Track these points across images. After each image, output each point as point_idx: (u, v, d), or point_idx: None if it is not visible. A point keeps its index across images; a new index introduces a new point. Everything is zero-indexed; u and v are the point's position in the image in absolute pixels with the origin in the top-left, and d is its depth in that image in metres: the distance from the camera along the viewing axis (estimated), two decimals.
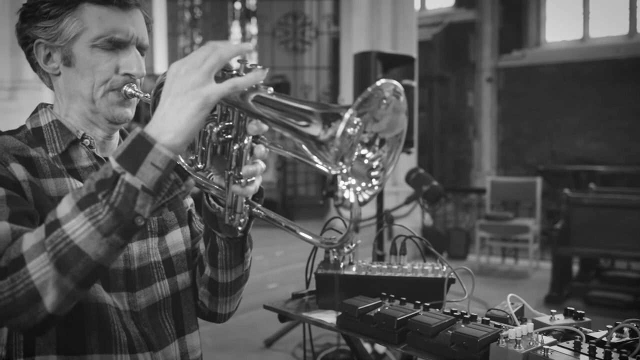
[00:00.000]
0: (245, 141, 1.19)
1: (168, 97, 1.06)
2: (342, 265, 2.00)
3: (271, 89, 1.09)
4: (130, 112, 1.42)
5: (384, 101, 0.99)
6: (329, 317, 1.88)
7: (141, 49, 1.41)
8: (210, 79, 1.05)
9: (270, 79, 14.24)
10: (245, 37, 16.65)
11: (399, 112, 1.04)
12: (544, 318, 1.70)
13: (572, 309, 1.70)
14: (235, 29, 16.73)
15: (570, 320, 1.67)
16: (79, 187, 1.08)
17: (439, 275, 1.93)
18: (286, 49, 11.46)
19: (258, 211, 1.28)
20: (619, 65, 11.49)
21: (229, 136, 1.20)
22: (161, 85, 1.27)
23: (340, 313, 1.79)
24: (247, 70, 1.10)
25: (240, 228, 1.30)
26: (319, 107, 1.00)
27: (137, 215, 1.04)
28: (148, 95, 1.36)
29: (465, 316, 1.66)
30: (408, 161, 8.19)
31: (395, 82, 1.00)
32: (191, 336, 1.51)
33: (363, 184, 1.04)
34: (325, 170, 1.06)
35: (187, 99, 1.04)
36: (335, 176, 0.98)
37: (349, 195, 1.00)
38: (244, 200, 1.26)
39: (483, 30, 13.16)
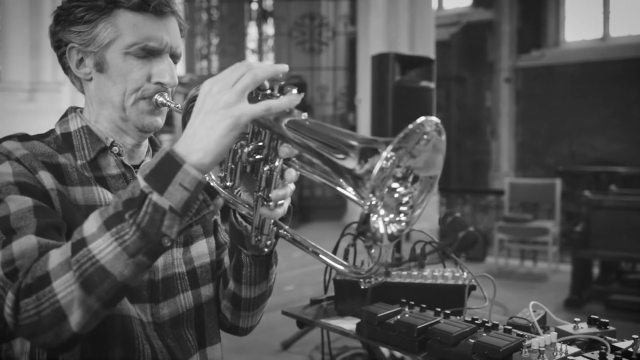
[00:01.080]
0: (276, 163, 1.17)
1: (199, 115, 1.04)
2: (362, 272, 1.98)
3: (305, 114, 1.07)
4: (160, 120, 1.41)
5: (425, 136, 0.95)
6: (348, 324, 1.86)
7: (174, 57, 1.40)
8: (243, 98, 1.03)
9: (286, 80, 14.23)
10: (261, 38, 16.69)
11: (437, 152, 1.00)
12: (567, 327, 1.67)
13: (596, 317, 1.66)
14: (252, 30, 16.78)
15: (594, 329, 1.64)
16: (106, 205, 1.07)
17: (460, 282, 1.91)
18: (303, 50, 11.45)
19: (285, 233, 1.26)
20: None
21: (260, 156, 1.18)
22: (192, 100, 1.25)
23: (359, 320, 1.78)
24: (281, 92, 1.08)
25: (266, 250, 1.29)
26: (355, 140, 0.97)
27: (164, 235, 1.02)
28: (179, 105, 1.35)
29: (486, 324, 1.64)
30: None
31: (437, 120, 0.96)
32: (212, 349, 1.50)
33: (391, 216, 1.00)
34: (355, 199, 1.03)
35: (218, 118, 1.02)
36: (367, 215, 0.94)
37: (378, 225, 0.96)
38: (272, 222, 1.25)
39: (501, 30, 13.05)
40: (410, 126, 0.92)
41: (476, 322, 1.66)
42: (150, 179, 1.03)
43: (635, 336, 1.48)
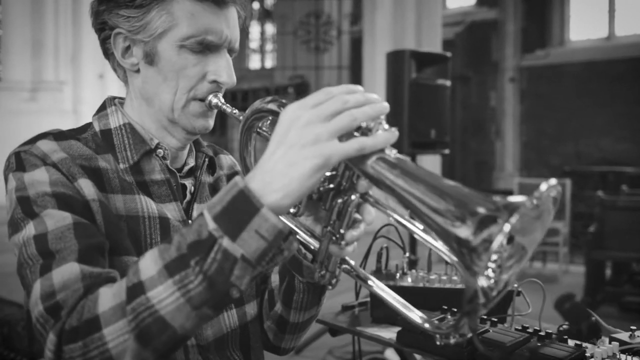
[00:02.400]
0: (352, 197, 1.01)
1: (281, 147, 0.89)
2: (397, 275, 1.89)
3: (395, 151, 0.92)
4: (211, 122, 1.26)
5: (535, 201, 0.81)
6: (386, 332, 1.76)
7: (231, 52, 1.25)
8: (335, 136, 0.88)
9: (289, 79, 14.18)
10: (263, 37, 16.62)
11: (540, 222, 0.87)
12: (623, 335, 1.59)
13: None
14: (254, 29, 16.70)
15: None
16: (166, 244, 0.93)
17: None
18: (307, 49, 11.37)
19: (350, 269, 1.12)
20: None
21: (331, 185, 1.03)
22: (257, 112, 1.12)
23: (399, 328, 1.68)
24: (370, 128, 0.93)
25: (330, 287, 1.14)
26: (474, 202, 0.82)
27: (233, 286, 0.89)
28: (236, 111, 1.21)
29: (539, 333, 1.55)
30: (431, 166, 8.06)
31: (559, 189, 0.84)
32: None
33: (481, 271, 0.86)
34: (450, 259, 0.90)
35: (305, 155, 0.87)
36: (476, 292, 0.80)
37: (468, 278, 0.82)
38: (339, 260, 1.11)
39: (506, 29, 12.98)
40: (537, 193, 0.79)
41: (528, 331, 1.57)
42: (221, 220, 0.89)
43: None
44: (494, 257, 0.87)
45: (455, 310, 1.72)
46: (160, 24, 1.17)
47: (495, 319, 1.65)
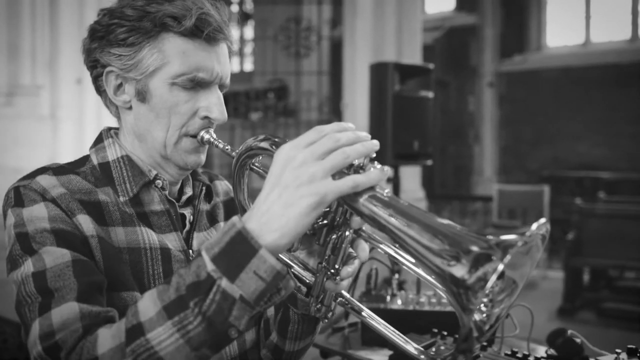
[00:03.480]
0: (347, 233, 1.03)
1: (276, 188, 0.90)
2: (387, 298, 1.90)
3: (388, 191, 0.94)
4: (203, 157, 1.28)
5: (526, 239, 0.84)
6: (377, 356, 1.78)
7: (222, 87, 1.27)
8: (329, 174, 0.90)
9: (269, 83, 14.14)
10: (242, 41, 16.56)
11: (528, 259, 0.90)
12: (608, 358, 1.62)
13: (634, 346, 1.61)
14: (233, 32, 16.65)
15: None
16: (165, 285, 0.94)
17: None
18: (287, 54, 11.36)
19: (344, 301, 1.13)
20: (622, 70, 11.44)
21: (325, 221, 1.05)
22: (250, 150, 1.13)
23: (390, 352, 1.70)
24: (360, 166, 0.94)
25: (325, 321, 1.16)
26: (468, 242, 0.83)
27: (232, 326, 0.90)
28: (229, 147, 1.22)
29: (528, 358, 1.57)
30: (411, 173, 8.10)
31: (548, 227, 0.87)
32: None
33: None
34: (447, 297, 0.91)
35: (300, 194, 0.88)
36: (471, 330, 0.81)
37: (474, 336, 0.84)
38: (334, 294, 1.12)
39: (484, 34, 13.10)
40: (528, 233, 0.82)
41: (517, 355, 1.59)
42: (220, 261, 0.90)
43: None
44: (486, 291, 0.87)
45: (445, 333, 1.74)
46: (152, 62, 1.18)
47: (485, 342, 1.68)
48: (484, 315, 0.90)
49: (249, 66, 16.47)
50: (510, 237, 0.82)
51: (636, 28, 11.84)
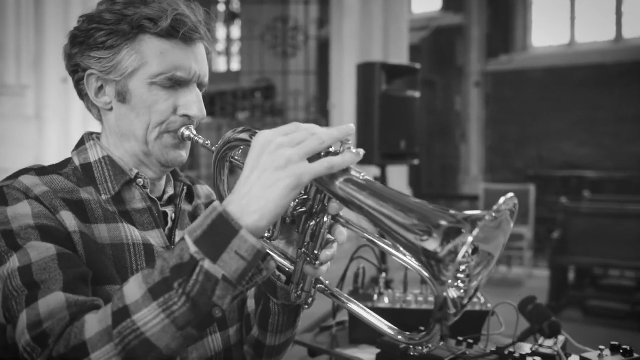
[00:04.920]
0: (325, 219, 1.07)
1: (255, 171, 0.94)
2: (375, 296, 1.92)
3: (364, 173, 0.98)
4: (185, 155, 1.31)
5: (493, 214, 0.87)
6: (365, 354, 1.80)
7: (201, 86, 1.31)
8: (305, 158, 0.94)
9: (256, 82, 14.11)
10: (229, 40, 16.53)
11: (501, 231, 0.93)
12: (592, 355, 1.65)
13: (617, 343, 1.64)
14: (220, 32, 16.60)
15: (619, 358, 1.61)
16: (150, 269, 0.97)
17: (477, 308, 1.86)
18: (274, 54, 11.35)
19: (325, 288, 1.17)
20: (606, 70, 11.54)
21: (304, 209, 1.09)
22: (229, 142, 1.16)
23: (378, 350, 1.71)
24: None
25: (306, 307, 1.20)
26: (438, 216, 0.88)
27: (215, 306, 0.93)
28: (209, 142, 1.25)
29: (514, 355, 1.60)
30: (399, 173, 8.13)
31: (516, 201, 0.91)
32: None
33: (450, 281, 0.92)
34: (421, 273, 0.95)
35: (278, 177, 0.92)
36: (446, 300, 0.86)
37: (449, 305, 0.89)
38: (314, 280, 1.16)
39: (470, 34, 13.15)
40: (495, 207, 0.86)
41: (503, 352, 1.62)
42: (202, 243, 0.93)
43: None
44: (462, 267, 0.94)
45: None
46: (131, 64, 1.22)
47: (471, 340, 1.70)
48: (462, 291, 0.94)
49: (236, 66, 16.43)
50: (477, 212, 0.87)
51: (620, 29, 11.95)
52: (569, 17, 12.53)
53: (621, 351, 1.62)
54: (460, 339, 1.70)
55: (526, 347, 1.73)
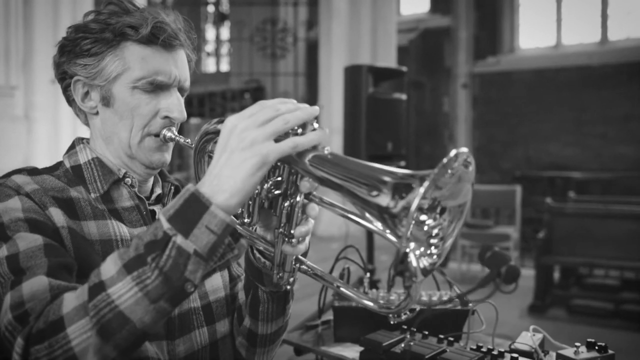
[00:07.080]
0: (298, 198, 1.13)
1: (224, 154, 1.01)
2: None
3: (329, 148, 1.05)
4: (167, 156, 1.38)
5: (450, 171, 0.94)
6: (349, 352, 1.84)
7: (182, 90, 1.37)
8: (270, 138, 1.00)
9: (245, 83, 14.15)
10: (219, 41, 16.53)
11: (464, 182, 0.99)
12: (568, 351, 1.70)
13: (593, 340, 1.70)
14: (210, 33, 16.60)
15: (594, 354, 1.67)
16: (125, 247, 1.02)
17: (458, 307, 1.91)
18: (264, 55, 11.38)
19: (306, 268, 1.23)
20: (592, 72, 11.65)
21: (278, 191, 1.15)
22: (205, 135, 1.22)
23: (361, 348, 1.76)
24: (302, 127, 1.04)
25: (288, 287, 1.26)
26: (387, 175, 0.95)
27: (188, 281, 0.98)
28: (189, 140, 1.31)
29: (492, 352, 1.65)
30: None
31: (467, 151, 0.96)
32: None
33: (422, 249, 0.98)
34: (387, 236, 1.00)
35: (245, 157, 0.98)
36: (406, 254, 0.92)
37: (411, 260, 0.94)
38: (294, 259, 1.22)
39: (458, 36, 13.23)
40: (445, 160, 0.92)
41: (482, 350, 1.67)
42: (175, 220, 0.98)
43: None
44: (435, 231, 0.99)
45: (415, 330, 1.81)
46: (114, 69, 1.29)
47: (452, 338, 1.75)
48: (435, 256, 0.99)
49: (225, 67, 16.43)
50: (426, 170, 0.93)
51: (606, 31, 12.07)
52: (555, 19, 12.64)
53: (596, 347, 1.67)
54: (442, 336, 1.75)
55: (505, 345, 1.78)
